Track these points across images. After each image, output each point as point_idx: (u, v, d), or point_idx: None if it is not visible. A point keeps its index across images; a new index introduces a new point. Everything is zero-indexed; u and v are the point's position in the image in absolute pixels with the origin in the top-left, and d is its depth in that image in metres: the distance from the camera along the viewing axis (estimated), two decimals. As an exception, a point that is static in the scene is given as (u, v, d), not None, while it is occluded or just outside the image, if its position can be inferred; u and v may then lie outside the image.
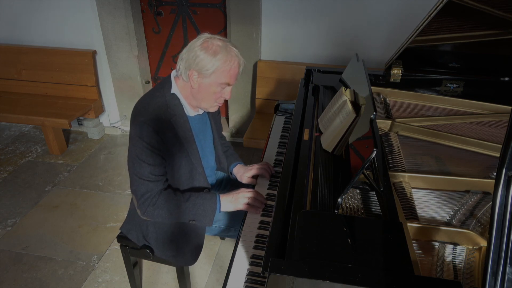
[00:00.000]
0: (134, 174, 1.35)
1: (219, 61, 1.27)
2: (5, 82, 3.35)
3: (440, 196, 1.24)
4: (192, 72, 1.30)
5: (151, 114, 1.32)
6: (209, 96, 1.35)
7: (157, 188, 1.36)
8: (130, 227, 1.61)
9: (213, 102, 1.38)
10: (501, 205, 0.71)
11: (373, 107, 1.19)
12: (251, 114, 3.21)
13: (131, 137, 1.34)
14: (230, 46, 1.31)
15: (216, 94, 1.35)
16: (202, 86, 1.32)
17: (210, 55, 1.27)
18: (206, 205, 1.41)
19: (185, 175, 1.45)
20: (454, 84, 1.83)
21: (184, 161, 1.42)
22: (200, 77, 1.31)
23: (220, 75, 1.30)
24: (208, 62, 1.27)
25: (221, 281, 2.06)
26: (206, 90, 1.33)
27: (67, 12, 3.04)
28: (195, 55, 1.28)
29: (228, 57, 1.28)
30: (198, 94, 1.35)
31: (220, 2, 2.96)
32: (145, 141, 1.29)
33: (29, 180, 2.88)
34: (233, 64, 1.31)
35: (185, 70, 1.32)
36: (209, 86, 1.32)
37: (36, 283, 2.05)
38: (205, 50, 1.27)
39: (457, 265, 0.99)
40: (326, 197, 1.16)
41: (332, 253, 0.88)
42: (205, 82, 1.31)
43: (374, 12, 2.58)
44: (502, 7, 1.40)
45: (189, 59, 1.29)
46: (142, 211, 1.38)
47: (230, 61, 1.29)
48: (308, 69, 2.06)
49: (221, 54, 1.27)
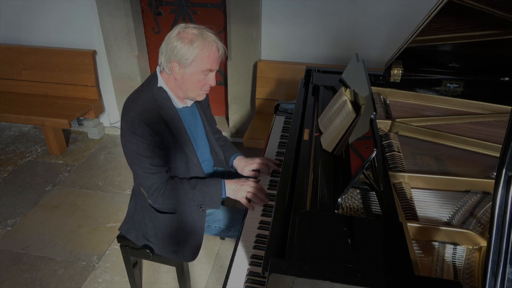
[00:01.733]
0: (136, 169, 1.37)
1: (197, 48, 1.28)
2: (5, 82, 3.35)
3: (440, 196, 1.24)
4: (173, 64, 1.32)
5: (140, 108, 1.33)
6: (194, 85, 1.37)
7: (161, 179, 1.39)
8: (129, 227, 1.62)
9: (199, 90, 1.39)
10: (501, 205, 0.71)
11: (373, 107, 1.18)
12: (251, 114, 3.21)
13: (123, 134, 1.36)
14: (206, 32, 1.32)
15: (200, 82, 1.37)
16: (185, 76, 1.34)
17: (187, 44, 1.28)
18: (212, 191, 1.45)
19: (181, 166, 1.47)
20: (454, 84, 1.83)
21: (178, 153, 1.44)
22: (181, 68, 1.32)
23: (200, 63, 1.31)
24: (186, 51, 1.28)
25: (221, 281, 2.06)
26: (190, 80, 1.35)
27: (67, 12, 3.04)
28: (172, 47, 1.29)
29: (205, 43, 1.29)
30: (183, 84, 1.37)
31: (220, 2, 2.96)
32: (138, 135, 1.31)
33: (29, 180, 2.88)
34: (212, 50, 1.31)
35: (166, 63, 1.34)
36: (192, 75, 1.34)
37: (36, 283, 2.05)
38: (181, 40, 1.28)
39: (457, 265, 0.99)
40: (326, 197, 1.16)
41: (332, 253, 0.88)
42: (187, 71, 1.33)
43: (374, 12, 2.58)
44: (502, 7, 1.40)
45: (167, 51, 1.31)
46: (152, 201, 1.43)
47: (208, 47, 1.30)
48: (308, 69, 2.06)
49: (198, 41, 1.28)
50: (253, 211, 1.44)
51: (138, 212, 1.58)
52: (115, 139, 3.47)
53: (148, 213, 1.54)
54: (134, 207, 1.61)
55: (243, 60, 2.97)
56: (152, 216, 1.53)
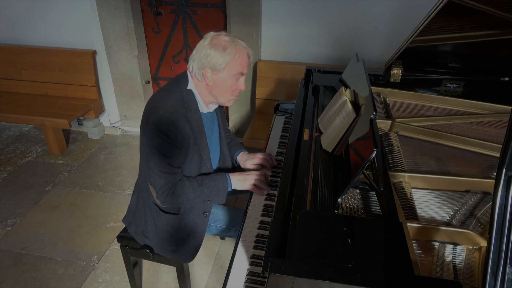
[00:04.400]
0: (153, 167, 1.38)
1: (230, 54, 1.33)
2: (5, 82, 3.35)
3: (440, 196, 1.24)
4: (206, 70, 1.36)
5: (169, 107, 1.36)
6: (226, 90, 1.41)
7: (175, 179, 1.41)
8: (131, 221, 1.63)
9: (230, 95, 1.44)
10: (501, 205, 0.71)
11: (373, 107, 1.18)
12: (251, 114, 3.21)
13: (146, 131, 1.37)
14: (237, 39, 1.37)
15: (232, 87, 1.41)
16: (218, 81, 1.38)
17: (220, 50, 1.32)
18: (218, 186, 1.49)
19: (195, 169, 1.49)
20: (454, 84, 1.83)
21: (195, 156, 1.46)
22: (214, 74, 1.36)
23: (233, 67, 1.35)
24: (219, 57, 1.33)
25: (221, 281, 2.06)
26: (222, 85, 1.39)
27: (67, 12, 3.04)
28: (206, 54, 1.34)
29: (237, 49, 1.35)
30: (215, 89, 1.41)
31: (220, 2, 2.96)
32: (164, 133, 1.33)
33: (29, 180, 2.88)
34: (243, 55, 1.37)
35: (198, 70, 1.37)
36: (224, 80, 1.38)
37: (36, 283, 2.05)
38: (215, 47, 1.33)
39: (457, 265, 0.99)
40: (326, 197, 1.16)
41: (332, 253, 0.88)
42: (219, 77, 1.37)
43: (374, 12, 2.58)
44: (502, 7, 1.40)
45: (201, 58, 1.35)
46: (161, 201, 1.43)
47: (240, 53, 1.35)
48: (308, 69, 2.06)
49: (230, 48, 1.33)
50: (253, 211, 1.44)
51: (139, 208, 1.58)
52: (115, 139, 3.47)
53: (151, 210, 1.54)
54: (136, 203, 1.61)
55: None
56: (154, 214, 1.53)
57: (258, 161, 1.66)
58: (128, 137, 3.50)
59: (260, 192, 1.51)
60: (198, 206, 1.51)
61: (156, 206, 1.53)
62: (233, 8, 2.78)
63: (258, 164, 1.66)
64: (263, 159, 1.66)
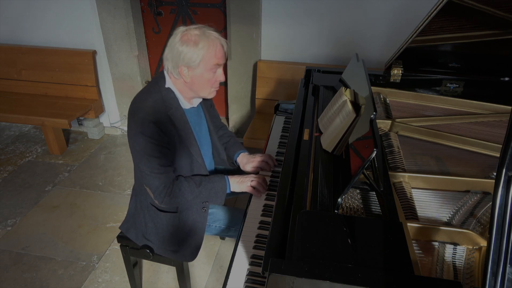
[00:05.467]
0: (144, 170, 1.38)
1: (203, 49, 1.30)
2: (5, 82, 3.35)
3: (440, 196, 1.24)
4: (182, 68, 1.34)
5: (149, 109, 1.35)
6: (205, 84, 1.39)
7: (169, 179, 1.41)
8: (129, 226, 1.62)
9: (210, 88, 1.42)
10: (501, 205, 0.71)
11: (373, 107, 1.18)
12: (251, 114, 3.21)
13: (131, 135, 1.36)
14: (208, 31, 1.34)
15: (211, 81, 1.39)
16: (195, 77, 1.36)
17: (192, 46, 1.30)
18: (217, 187, 1.48)
19: (186, 166, 1.48)
20: (454, 84, 1.83)
21: (184, 153, 1.45)
22: (190, 70, 1.34)
23: (208, 61, 1.33)
24: (193, 53, 1.30)
25: (221, 281, 2.06)
26: (200, 80, 1.37)
27: (67, 12, 3.04)
28: (178, 52, 1.31)
29: (210, 42, 1.32)
30: (193, 85, 1.39)
31: (220, 2, 2.96)
32: (148, 135, 1.32)
33: (29, 180, 2.88)
34: (217, 47, 1.34)
35: (174, 68, 1.35)
36: (202, 75, 1.36)
37: (36, 283, 2.05)
38: (187, 44, 1.30)
39: (457, 265, 0.99)
40: (326, 197, 1.16)
41: (332, 253, 0.88)
42: (196, 73, 1.35)
43: (374, 12, 2.58)
44: (502, 7, 1.40)
45: (174, 57, 1.33)
46: (159, 201, 1.43)
47: (212, 45, 1.32)
48: (308, 69, 2.06)
49: (203, 42, 1.30)
50: (253, 211, 1.44)
51: (138, 211, 1.58)
52: (115, 139, 3.47)
53: (149, 212, 1.54)
54: (134, 207, 1.61)
55: (243, 60, 2.97)
56: (153, 215, 1.53)
57: (257, 164, 1.65)
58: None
59: (257, 194, 1.50)
60: (191, 208, 1.51)
61: (154, 207, 1.53)
62: (233, 8, 2.78)
63: (257, 167, 1.65)
64: (262, 161, 1.65)
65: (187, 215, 1.52)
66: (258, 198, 1.50)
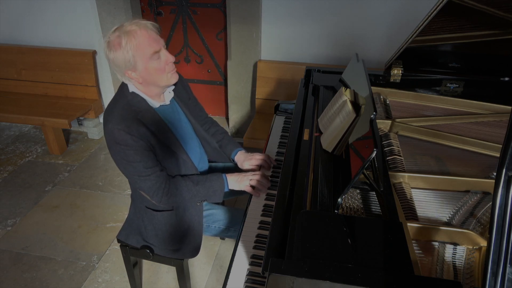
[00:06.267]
0: (133, 176, 1.38)
1: (127, 45, 1.27)
2: (5, 82, 3.35)
3: (440, 196, 1.24)
4: (127, 73, 1.32)
5: (116, 117, 1.32)
6: (156, 74, 1.35)
7: (159, 178, 1.39)
8: (128, 233, 1.63)
9: (164, 74, 1.37)
10: (501, 205, 0.71)
11: (373, 107, 1.18)
12: (251, 114, 3.21)
13: (109, 146, 1.35)
14: (126, 25, 1.29)
15: (160, 68, 1.34)
16: (143, 74, 1.33)
17: (118, 49, 1.27)
18: (215, 186, 1.48)
19: (172, 165, 1.46)
20: (454, 84, 1.83)
21: (166, 152, 1.43)
22: (134, 71, 1.32)
23: (141, 54, 1.29)
24: (123, 56, 1.27)
25: (221, 281, 2.06)
26: (149, 73, 1.33)
27: (67, 12, 3.04)
28: (112, 60, 1.30)
29: (130, 35, 1.27)
30: (148, 81, 1.36)
31: (220, 2, 2.96)
32: (122, 144, 1.30)
33: (29, 180, 2.88)
34: (140, 36, 1.28)
35: (122, 77, 1.35)
36: (147, 69, 1.32)
37: (36, 283, 2.05)
38: (114, 49, 1.28)
39: (457, 265, 0.99)
40: (326, 197, 1.16)
41: (332, 253, 0.88)
42: (140, 70, 1.32)
43: (374, 12, 2.58)
44: (502, 7, 1.40)
45: (114, 66, 1.32)
46: (157, 202, 1.42)
47: (134, 37, 1.27)
48: (308, 69, 2.06)
49: (124, 40, 1.27)
50: (253, 211, 1.44)
51: (136, 216, 1.59)
52: (115, 139, 3.46)
53: (147, 215, 1.54)
54: (133, 212, 1.62)
55: (243, 60, 2.97)
56: (150, 217, 1.53)
57: (256, 162, 1.65)
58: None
59: (256, 194, 1.49)
60: (186, 204, 1.51)
61: (150, 209, 1.53)
62: (233, 8, 2.78)
63: (256, 165, 1.65)
64: (260, 160, 1.64)
65: (183, 211, 1.52)
66: (258, 198, 1.49)
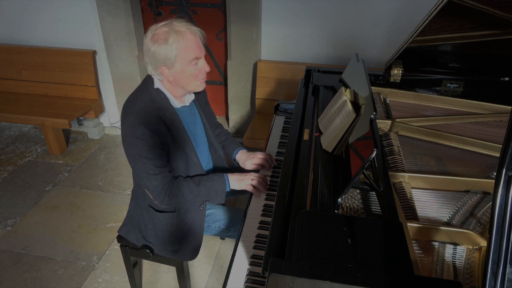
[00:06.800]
0: (140, 172, 1.38)
1: (173, 43, 1.28)
2: (5, 82, 3.35)
3: (440, 196, 1.24)
4: (161, 68, 1.33)
5: (139, 112, 1.34)
6: (189, 79, 1.37)
7: (166, 179, 1.40)
8: (129, 229, 1.62)
9: (195, 81, 1.39)
10: (501, 205, 0.71)
11: (373, 107, 1.18)
12: (251, 114, 3.21)
13: (124, 138, 1.36)
14: (176, 24, 1.31)
15: (194, 74, 1.36)
16: (177, 74, 1.34)
17: (163, 43, 1.28)
18: (216, 186, 1.48)
19: (181, 165, 1.48)
20: (454, 84, 1.83)
21: (178, 153, 1.45)
22: (170, 69, 1.33)
23: (184, 55, 1.31)
24: (166, 51, 1.28)
25: (221, 281, 2.06)
26: (183, 75, 1.35)
27: (67, 12, 3.04)
28: (152, 53, 1.30)
29: (179, 35, 1.29)
30: (178, 82, 1.38)
31: (220, 2, 2.96)
32: (140, 138, 1.31)
33: (29, 180, 2.88)
34: (188, 38, 1.30)
35: (155, 70, 1.35)
36: (182, 71, 1.34)
37: (36, 283, 2.05)
38: (157, 43, 1.28)
39: (457, 265, 0.99)
40: (326, 197, 1.16)
41: (332, 253, 0.88)
42: (176, 70, 1.33)
43: (374, 12, 2.58)
44: (502, 7, 1.40)
45: (150, 59, 1.32)
46: (159, 202, 1.43)
47: (183, 38, 1.29)
48: (308, 69, 2.06)
49: (172, 37, 1.28)
50: (253, 211, 1.44)
51: (137, 213, 1.59)
52: (115, 139, 3.47)
53: (148, 214, 1.54)
54: (134, 209, 1.61)
55: (243, 60, 2.97)
56: (151, 217, 1.53)
57: (257, 161, 1.65)
58: (128, 137, 3.50)
59: (257, 193, 1.50)
60: (189, 207, 1.51)
61: (152, 208, 1.53)
62: (233, 8, 2.78)
63: (258, 164, 1.66)
64: (262, 159, 1.65)
65: (185, 214, 1.52)
66: (258, 198, 1.50)
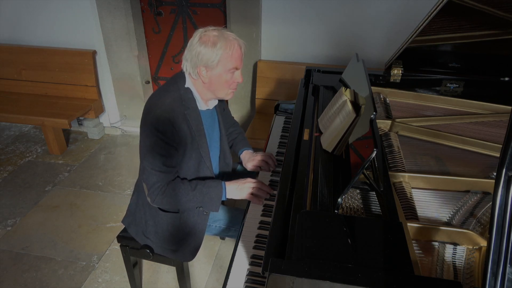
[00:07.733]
0: (147, 165, 1.38)
1: (220, 49, 1.32)
2: (5, 82, 3.35)
3: (440, 196, 1.24)
4: (200, 69, 1.35)
5: (167, 106, 1.36)
6: (223, 85, 1.40)
7: (168, 178, 1.40)
8: (130, 221, 1.63)
9: (227, 89, 1.43)
10: (501, 205, 0.71)
11: (373, 107, 1.18)
12: (251, 114, 3.21)
13: (145, 128, 1.37)
14: (226, 32, 1.35)
15: (228, 82, 1.40)
16: (213, 78, 1.37)
17: (210, 46, 1.31)
18: (212, 193, 1.46)
19: (193, 167, 1.49)
20: (454, 84, 1.83)
21: (194, 154, 1.46)
22: (208, 71, 1.36)
23: (226, 62, 1.35)
24: (211, 54, 1.32)
25: (221, 281, 2.06)
26: (218, 81, 1.38)
27: (67, 12, 3.04)
28: (197, 52, 1.33)
29: (227, 42, 1.33)
30: (211, 86, 1.40)
31: (220, 2, 2.96)
32: (160, 132, 1.33)
33: (29, 180, 2.88)
34: (234, 48, 1.35)
35: (192, 69, 1.37)
36: (219, 76, 1.37)
37: (36, 283, 2.05)
38: (205, 44, 1.32)
39: (457, 265, 0.99)
40: (326, 197, 1.16)
41: (332, 253, 0.88)
42: (214, 73, 1.36)
43: (374, 12, 2.58)
44: (502, 7, 1.40)
45: (193, 57, 1.34)
46: (151, 199, 1.43)
47: (230, 46, 1.34)
48: (308, 69, 2.06)
49: (220, 43, 1.32)
50: (253, 211, 1.44)
51: (139, 208, 1.58)
52: (115, 139, 3.47)
53: (150, 210, 1.54)
54: (136, 203, 1.61)
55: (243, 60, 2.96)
56: (153, 214, 1.53)
57: (257, 163, 1.66)
58: (128, 137, 3.50)
59: (258, 201, 1.47)
60: (192, 209, 1.50)
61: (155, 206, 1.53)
62: (233, 8, 2.78)
63: (256, 166, 1.66)
64: (262, 161, 1.66)
65: (188, 216, 1.51)
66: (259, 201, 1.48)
